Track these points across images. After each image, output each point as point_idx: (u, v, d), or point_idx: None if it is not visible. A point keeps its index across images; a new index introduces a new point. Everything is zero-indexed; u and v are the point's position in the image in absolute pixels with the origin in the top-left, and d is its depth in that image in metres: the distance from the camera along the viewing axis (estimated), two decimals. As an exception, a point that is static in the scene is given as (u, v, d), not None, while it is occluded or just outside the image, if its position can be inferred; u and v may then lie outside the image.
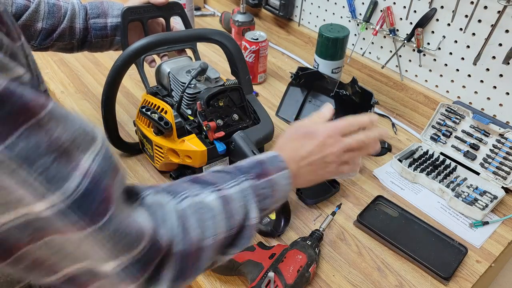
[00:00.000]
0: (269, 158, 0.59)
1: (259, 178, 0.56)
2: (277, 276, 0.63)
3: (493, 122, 0.87)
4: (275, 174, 0.57)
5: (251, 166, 0.57)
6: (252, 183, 0.54)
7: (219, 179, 0.53)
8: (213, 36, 0.83)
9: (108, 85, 0.79)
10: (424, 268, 0.73)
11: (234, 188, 0.53)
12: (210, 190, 0.51)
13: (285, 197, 0.60)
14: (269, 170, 0.57)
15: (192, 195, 0.49)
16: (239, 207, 0.52)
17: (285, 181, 0.58)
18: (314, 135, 0.63)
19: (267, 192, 0.56)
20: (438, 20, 0.96)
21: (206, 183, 0.52)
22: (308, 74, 1.05)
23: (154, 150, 0.82)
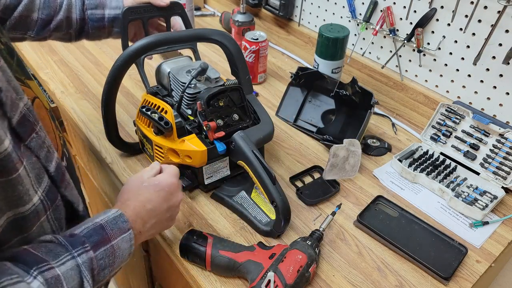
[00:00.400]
0: (110, 220, 0.56)
1: (96, 248, 0.52)
2: (277, 276, 0.63)
3: (493, 122, 0.87)
4: (117, 239, 0.54)
5: (88, 234, 0.53)
6: (87, 256, 0.50)
7: (50, 253, 0.48)
8: (213, 36, 0.83)
9: (108, 85, 0.79)
10: (424, 268, 0.73)
11: (67, 264, 0.48)
12: (35, 274, 0.45)
13: (126, 260, 0.57)
14: (109, 235, 0.54)
15: (12, 283, 0.42)
16: (72, 287, 0.48)
17: (127, 244, 0.56)
18: (159, 186, 0.64)
19: (105, 263, 0.53)
20: (438, 20, 0.96)
21: (32, 262, 0.46)
22: (308, 74, 1.05)
23: (154, 150, 0.82)
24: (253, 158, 0.72)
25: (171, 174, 0.68)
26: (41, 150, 0.52)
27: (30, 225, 0.51)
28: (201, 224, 0.79)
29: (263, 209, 0.79)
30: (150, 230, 0.63)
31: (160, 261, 0.98)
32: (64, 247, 0.50)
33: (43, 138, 0.53)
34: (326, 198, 0.85)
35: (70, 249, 0.50)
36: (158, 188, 0.64)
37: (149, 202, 0.62)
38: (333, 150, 0.85)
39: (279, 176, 0.90)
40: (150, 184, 0.64)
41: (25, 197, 0.48)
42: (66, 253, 0.49)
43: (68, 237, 0.52)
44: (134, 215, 0.59)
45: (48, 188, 0.52)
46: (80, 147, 1.28)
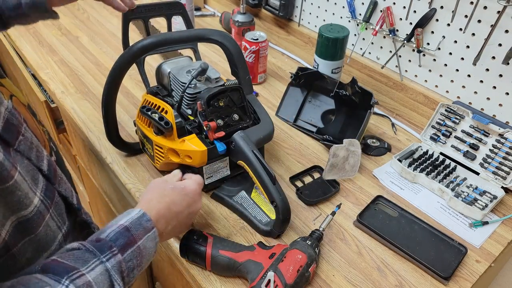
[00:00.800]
0: (134, 221, 0.56)
1: (124, 251, 0.52)
2: (277, 276, 0.63)
3: (492, 122, 0.87)
4: (142, 239, 0.55)
5: (115, 237, 0.53)
6: (116, 260, 0.51)
7: (79, 261, 0.48)
8: (213, 36, 0.84)
9: (109, 85, 0.79)
10: (424, 268, 0.73)
11: (96, 269, 0.48)
12: (67, 283, 0.45)
13: (151, 259, 0.58)
14: (135, 236, 0.54)
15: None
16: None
17: (152, 243, 0.57)
18: (184, 191, 0.65)
19: (133, 264, 0.53)
20: (438, 20, 0.96)
21: (62, 271, 0.46)
22: (308, 74, 1.05)
23: (155, 150, 0.82)
24: (253, 158, 0.72)
25: (196, 181, 0.69)
26: (31, 152, 0.51)
27: (35, 225, 0.51)
28: (201, 224, 0.79)
29: (263, 209, 0.79)
30: (170, 232, 0.63)
31: (160, 261, 0.98)
32: (92, 253, 0.50)
33: (30, 139, 0.52)
34: (326, 198, 0.85)
35: (98, 254, 0.50)
36: (184, 192, 0.65)
37: (174, 204, 0.63)
38: (333, 150, 0.85)
39: (279, 176, 0.90)
40: (176, 188, 0.65)
41: (26, 200, 0.49)
42: (95, 259, 0.49)
43: (94, 242, 0.52)
44: (158, 215, 0.60)
45: (45, 187, 0.52)
46: (80, 147, 1.28)
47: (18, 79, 1.72)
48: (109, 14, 1.55)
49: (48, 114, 1.41)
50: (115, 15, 1.55)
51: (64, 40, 1.36)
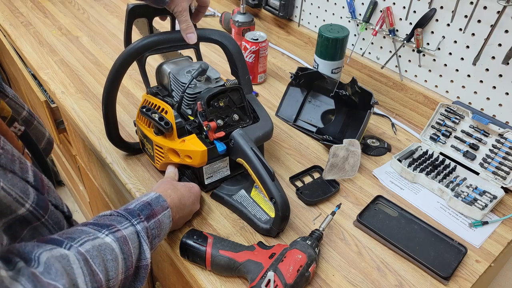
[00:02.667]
0: (153, 199, 0.65)
1: (149, 219, 0.61)
2: (277, 276, 0.63)
3: (492, 122, 0.87)
4: (161, 214, 0.64)
5: (140, 208, 0.62)
6: (143, 225, 0.59)
7: (114, 221, 0.57)
8: (213, 36, 0.84)
9: (109, 84, 0.79)
10: (424, 268, 0.73)
11: (129, 229, 0.57)
12: (107, 232, 0.53)
13: (166, 234, 0.67)
14: (155, 210, 0.63)
15: (91, 239, 0.50)
16: (134, 248, 0.56)
17: (168, 220, 0.66)
18: (192, 190, 0.75)
19: (156, 232, 0.62)
20: (437, 21, 0.96)
21: (101, 225, 0.55)
22: (308, 74, 1.05)
23: (155, 150, 0.82)
24: (252, 155, 0.72)
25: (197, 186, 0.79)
26: (13, 164, 0.49)
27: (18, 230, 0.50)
28: (201, 224, 0.79)
29: (263, 207, 0.79)
30: (176, 222, 0.72)
31: (160, 261, 0.98)
32: (124, 217, 0.59)
33: (11, 151, 0.50)
34: (326, 198, 0.85)
35: (130, 218, 0.59)
36: (192, 190, 0.75)
37: (183, 197, 0.72)
38: (333, 150, 0.85)
39: (279, 176, 0.90)
40: (186, 185, 0.75)
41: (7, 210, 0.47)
42: (127, 222, 0.58)
43: (124, 210, 0.61)
44: (172, 202, 0.68)
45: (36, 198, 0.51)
46: (81, 147, 1.28)
47: (18, 79, 1.72)
48: (109, 14, 1.56)
49: (48, 114, 1.41)
50: (115, 15, 1.55)
51: (64, 40, 1.36)
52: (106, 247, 0.51)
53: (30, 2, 1.60)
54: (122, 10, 1.59)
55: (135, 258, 0.55)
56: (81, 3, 1.63)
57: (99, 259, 0.48)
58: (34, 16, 1.50)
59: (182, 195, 0.72)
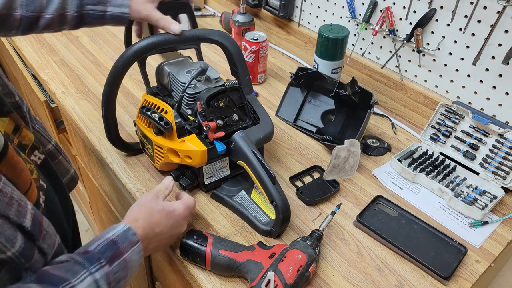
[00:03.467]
0: (120, 234, 0.58)
1: (111, 262, 0.55)
2: (277, 276, 0.63)
3: (492, 122, 0.87)
4: (128, 252, 0.57)
5: (103, 250, 0.55)
6: (104, 271, 0.53)
7: (69, 272, 0.51)
8: (213, 36, 0.84)
9: (109, 85, 0.79)
10: (424, 268, 0.73)
11: (86, 280, 0.51)
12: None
13: (136, 271, 0.61)
14: (121, 249, 0.57)
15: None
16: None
17: (137, 256, 0.59)
18: (171, 214, 0.66)
19: (120, 275, 0.56)
20: (437, 21, 0.96)
21: (55, 282, 0.49)
22: (308, 74, 1.05)
23: (154, 150, 0.82)
24: (253, 158, 0.72)
25: (186, 205, 0.70)
26: (9, 208, 0.47)
27: None
28: (201, 224, 0.79)
29: (263, 209, 0.79)
30: (149, 251, 0.66)
31: (160, 261, 0.99)
32: (81, 264, 0.52)
33: (10, 194, 0.48)
34: (326, 198, 0.85)
35: (88, 265, 0.52)
36: (170, 215, 0.67)
37: (159, 225, 0.65)
38: (335, 152, 0.85)
39: (279, 176, 0.90)
40: (164, 210, 0.67)
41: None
42: (84, 270, 0.51)
43: (83, 254, 0.54)
44: (143, 233, 0.62)
45: (23, 246, 0.49)
46: (81, 147, 1.28)
47: (18, 79, 1.72)
48: (109, 14, 1.55)
49: (48, 114, 1.41)
50: (115, 15, 1.55)
51: (64, 40, 1.36)
52: None
53: (30, 2, 1.60)
54: (122, 10, 1.58)
55: None
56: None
57: None
58: (34, 16, 1.50)
59: (157, 223, 0.65)
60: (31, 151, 0.63)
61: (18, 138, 0.61)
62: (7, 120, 0.59)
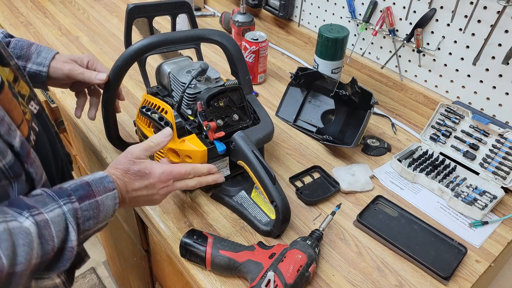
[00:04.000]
0: (96, 179, 0.61)
1: (81, 201, 0.57)
2: (277, 276, 0.63)
3: (492, 122, 0.87)
4: (102, 195, 0.60)
5: (75, 188, 0.58)
6: (73, 206, 0.56)
7: (39, 202, 0.54)
8: (213, 36, 0.84)
9: (108, 86, 0.79)
10: (424, 268, 0.73)
11: (55, 211, 0.54)
12: (27, 215, 0.51)
13: (112, 215, 0.62)
14: (94, 191, 0.59)
15: (7, 221, 0.49)
16: (58, 231, 0.53)
17: (111, 202, 0.61)
18: (147, 177, 0.67)
19: (89, 214, 0.58)
20: (437, 21, 0.96)
21: (23, 206, 0.52)
22: (308, 74, 1.05)
23: (154, 150, 0.82)
24: (253, 158, 0.72)
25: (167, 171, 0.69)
26: (1, 126, 0.52)
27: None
28: (201, 224, 0.79)
29: (263, 209, 0.79)
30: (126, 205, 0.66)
31: (160, 261, 0.99)
32: (51, 197, 0.56)
33: (1, 116, 0.53)
34: (326, 198, 0.85)
35: (57, 199, 0.56)
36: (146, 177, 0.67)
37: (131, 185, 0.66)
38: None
39: (279, 176, 0.90)
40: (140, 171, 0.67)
41: None
42: (53, 203, 0.55)
43: (56, 189, 0.58)
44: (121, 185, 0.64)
45: (12, 162, 0.53)
46: (81, 147, 1.28)
47: (18, 79, 1.72)
48: (109, 14, 1.56)
49: (48, 114, 1.41)
50: (115, 15, 1.55)
51: (64, 40, 1.36)
52: (20, 231, 0.49)
53: (30, 2, 1.60)
54: (122, 10, 1.59)
55: (58, 241, 0.53)
56: (81, 3, 1.63)
57: (6, 243, 0.47)
58: (34, 16, 1.50)
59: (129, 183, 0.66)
60: (28, 100, 0.67)
61: (17, 87, 0.64)
62: (8, 70, 0.63)
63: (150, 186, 0.67)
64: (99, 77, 0.80)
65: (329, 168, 0.92)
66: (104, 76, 0.80)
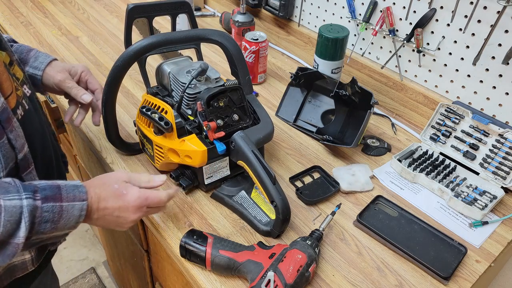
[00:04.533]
0: (69, 186, 0.60)
1: (45, 201, 0.56)
2: (277, 276, 0.63)
3: (492, 122, 0.87)
4: (69, 202, 0.58)
5: (43, 187, 0.58)
6: (33, 203, 0.55)
7: (2, 188, 0.54)
8: (213, 36, 0.84)
9: (109, 85, 0.79)
10: (424, 268, 0.73)
11: (12, 202, 0.53)
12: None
13: (74, 227, 0.61)
14: (62, 196, 0.58)
15: None
16: (9, 222, 0.52)
17: (77, 212, 0.60)
18: (122, 198, 0.65)
19: (48, 216, 0.56)
20: (437, 21, 0.96)
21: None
22: (308, 74, 1.05)
23: (154, 150, 0.82)
24: (253, 158, 0.72)
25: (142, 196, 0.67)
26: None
27: None
28: (201, 224, 0.79)
29: (263, 209, 0.79)
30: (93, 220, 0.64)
31: (160, 261, 0.99)
32: (16, 188, 0.55)
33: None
34: (326, 198, 0.85)
35: (21, 191, 0.55)
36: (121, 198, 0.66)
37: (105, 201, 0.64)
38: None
39: (279, 176, 0.90)
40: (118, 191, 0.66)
41: None
42: (16, 194, 0.55)
43: (25, 183, 0.57)
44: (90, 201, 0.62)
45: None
46: (81, 147, 1.28)
47: (18, 79, 1.72)
48: (109, 14, 1.56)
49: (48, 114, 1.41)
50: (115, 15, 1.55)
51: (64, 40, 1.36)
52: None
53: (30, 2, 1.60)
54: (122, 10, 1.59)
55: (5, 231, 0.52)
56: (81, 3, 1.63)
57: None
58: (34, 16, 1.50)
59: (104, 199, 0.64)
60: (22, 83, 0.68)
61: (13, 70, 0.66)
62: (5, 54, 0.64)
63: (122, 208, 0.65)
64: (84, 97, 0.81)
65: (329, 168, 0.92)
66: (89, 99, 0.81)
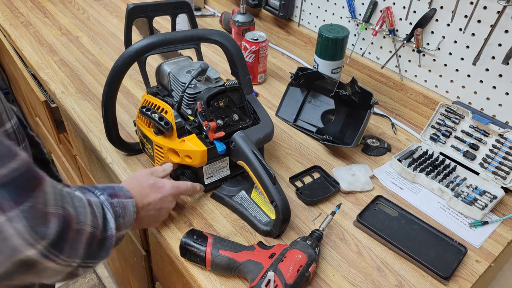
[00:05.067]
0: (117, 186, 0.65)
1: (112, 196, 0.61)
2: (277, 276, 0.63)
3: (492, 122, 0.87)
4: (125, 199, 0.63)
5: (102, 188, 0.62)
6: (107, 198, 0.59)
7: (80, 190, 0.57)
8: (213, 36, 0.84)
9: (109, 85, 0.79)
10: (424, 268, 0.73)
11: (92, 198, 0.57)
12: (75, 189, 0.56)
13: (130, 226, 0.64)
14: (118, 193, 0.63)
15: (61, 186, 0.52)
16: (98, 213, 0.55)
17: (132, 208, 0.64)
18: (161, 190, 0.72)
19: (120, 211, 0.61)
20: (437, 21, 0.96)
21: (90, 189, 0.59)
22: (308, 74, 1.05)
23: (154, 150, 0.82)
24: (253, 158, 0.72)
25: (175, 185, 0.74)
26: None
27: None
28: (201, 224, 0.79)
29: (263, 209, 0.79)
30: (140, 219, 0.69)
31: (160, 261, 0.99)
32: (88, 189, 0.59)
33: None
34: (326, 198, 0.85)
35: (94, 190, 0.60)
36: (160, 190, 0.72)
37: (147, 197, 0.70)
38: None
39: (279, 176, 0.90)
40: (155, 185, 0.72)
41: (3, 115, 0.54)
42: (91, 193, 0.59)
43: (90, 186, 0.61)
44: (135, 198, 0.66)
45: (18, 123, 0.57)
46: (81, 147, 1.28)
47: (18, 79, 1.72)
48: (109, 14, 1.56)
49: (48, 114, 1.41)
50: (115, 15, 1.55)
51: (64, 40, 1.36)
52: (74, 196, 0.52)
53: (30, 2, 1.60)
54: (122, 10, 1.59)
55: (100, 222, 0.55)
56: (81, 3, 1.63)
57: (68, 198, 0.50)
58: (34, 16, 1.50)
59: (146, 195, 0.69)
60: None
61: None
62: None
63: (163, 199, 0.71)
64: None
65: (329, 168, 0.92)
66: None
